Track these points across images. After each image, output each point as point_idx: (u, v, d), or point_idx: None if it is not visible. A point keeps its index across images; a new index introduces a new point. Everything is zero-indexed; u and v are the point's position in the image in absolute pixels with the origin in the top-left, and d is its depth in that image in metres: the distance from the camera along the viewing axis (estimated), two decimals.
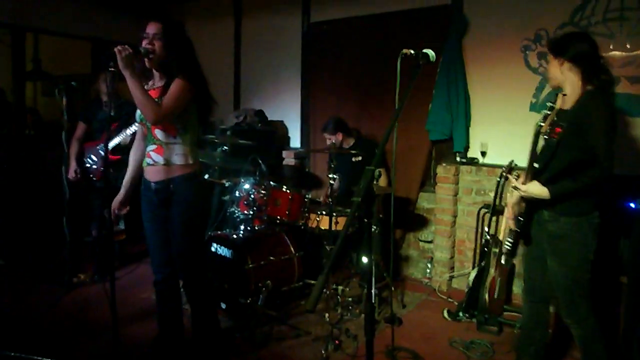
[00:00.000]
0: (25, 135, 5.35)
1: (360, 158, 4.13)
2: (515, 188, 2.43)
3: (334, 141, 4.11)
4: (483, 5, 3.99)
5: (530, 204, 2.49)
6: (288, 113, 5.26)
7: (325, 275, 1.25)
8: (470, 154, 4.12)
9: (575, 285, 2.40)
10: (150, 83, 2.56)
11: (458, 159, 4.10)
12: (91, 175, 4.04)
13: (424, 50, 1.65)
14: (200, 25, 5.63)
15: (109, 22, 5.60)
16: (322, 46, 4.93)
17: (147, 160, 2.53)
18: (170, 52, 2.42)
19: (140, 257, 4.51)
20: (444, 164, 4.11)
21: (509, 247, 2.64)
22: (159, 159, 2.49)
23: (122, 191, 2.70)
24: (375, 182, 3.67)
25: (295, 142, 5.29)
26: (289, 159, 5.07)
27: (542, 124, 2.27)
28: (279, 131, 5.27)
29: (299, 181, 4.52)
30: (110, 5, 5.54)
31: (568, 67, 2.32)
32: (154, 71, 2.53)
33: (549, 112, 2.27)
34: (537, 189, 2.34)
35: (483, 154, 4.00)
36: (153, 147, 2.50)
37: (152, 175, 2.53)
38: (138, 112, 2.53)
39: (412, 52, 1.64)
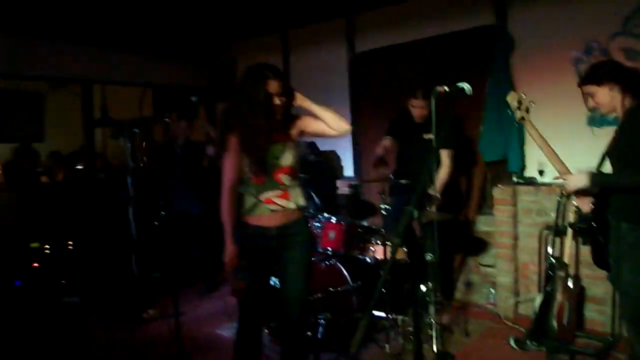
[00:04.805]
0: (97, 179, 5.76)
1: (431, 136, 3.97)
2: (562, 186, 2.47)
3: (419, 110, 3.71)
4: (528, 22, 3.90)
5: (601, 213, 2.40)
6: (339, 142, 5.32)
7: (367, 316, 1.26)
8: (527, 174, 3.99)
9: None
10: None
11: (514, 179, 3.98)
12: None
13: (459, 85, 1.65)
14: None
15: (166, 68, 6.01)
16: (369, 75, 4.99)
17: (269, 207, 2.41)
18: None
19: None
20: (500, 186, 4.00)
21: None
22: (287, 203, 2.43)
23: (235, 244, 2.48)
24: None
25: (349, 170, 5.34)
26: (343, 189, 5.11)
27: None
28: (332, 161, 5.34)
29: (354, 210, 4.54)
30: (166, 54, 5.94)
31: (615, 89, 2.33)
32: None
33: None
34: (576, 178, 2.33)
35: (541, 172, 3.86)
36: (277, 192, 2.42)
37: (272, 220, 2.43)
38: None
39: (447, 89, 1.64)
